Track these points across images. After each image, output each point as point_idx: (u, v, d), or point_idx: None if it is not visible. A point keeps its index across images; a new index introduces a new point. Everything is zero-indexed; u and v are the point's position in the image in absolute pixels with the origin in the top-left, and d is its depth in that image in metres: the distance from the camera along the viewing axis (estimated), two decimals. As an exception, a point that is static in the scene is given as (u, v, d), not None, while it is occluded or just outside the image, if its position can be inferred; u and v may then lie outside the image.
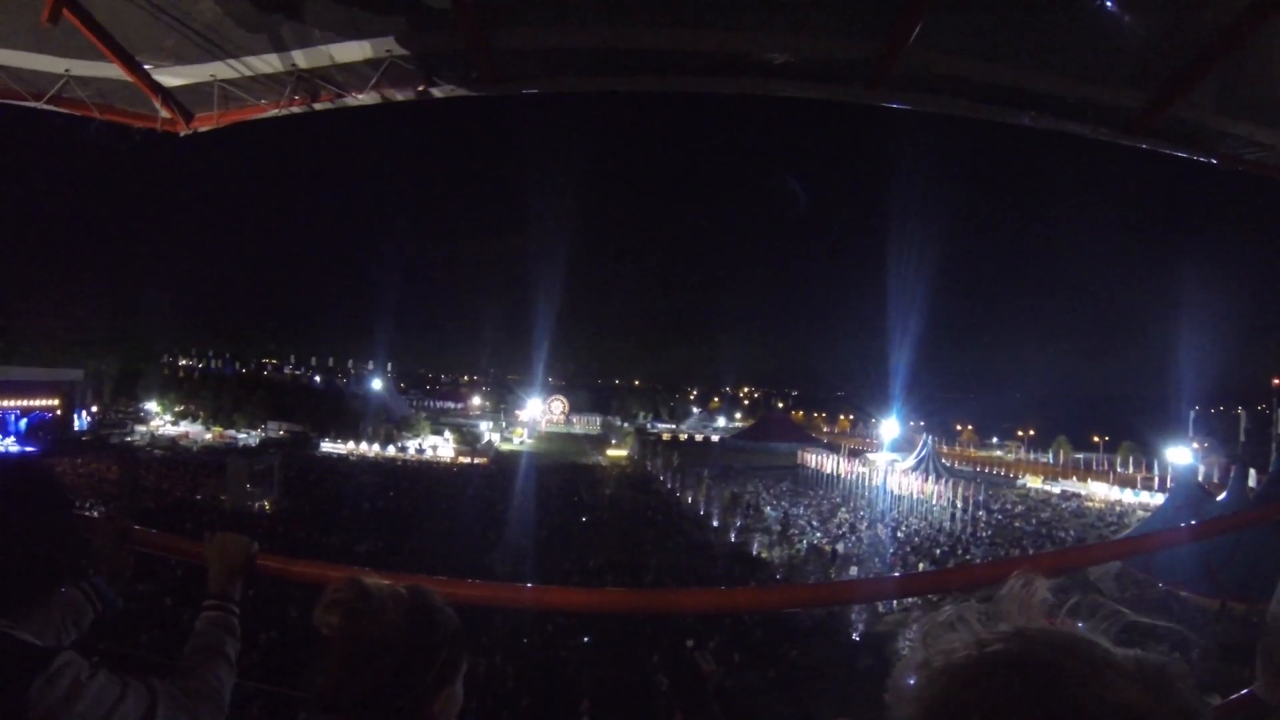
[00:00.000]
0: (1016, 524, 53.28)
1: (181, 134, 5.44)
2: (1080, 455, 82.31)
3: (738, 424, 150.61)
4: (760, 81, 4.86)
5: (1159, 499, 57.21)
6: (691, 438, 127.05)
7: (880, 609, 34.76)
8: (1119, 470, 75.32)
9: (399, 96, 5.19)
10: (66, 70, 5.05)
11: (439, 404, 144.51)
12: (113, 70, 4.95)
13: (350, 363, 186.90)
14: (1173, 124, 4.87)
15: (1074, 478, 75.39)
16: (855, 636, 27.85)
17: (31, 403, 71.12)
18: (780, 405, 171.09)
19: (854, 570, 38.90)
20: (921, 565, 39.55)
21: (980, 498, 58.47)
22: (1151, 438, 73.98)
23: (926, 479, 60.00)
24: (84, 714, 1.87)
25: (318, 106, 5.25)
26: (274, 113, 5.30)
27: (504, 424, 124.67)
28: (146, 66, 5.00)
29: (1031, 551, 44.10)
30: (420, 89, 5.11)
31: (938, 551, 42.00)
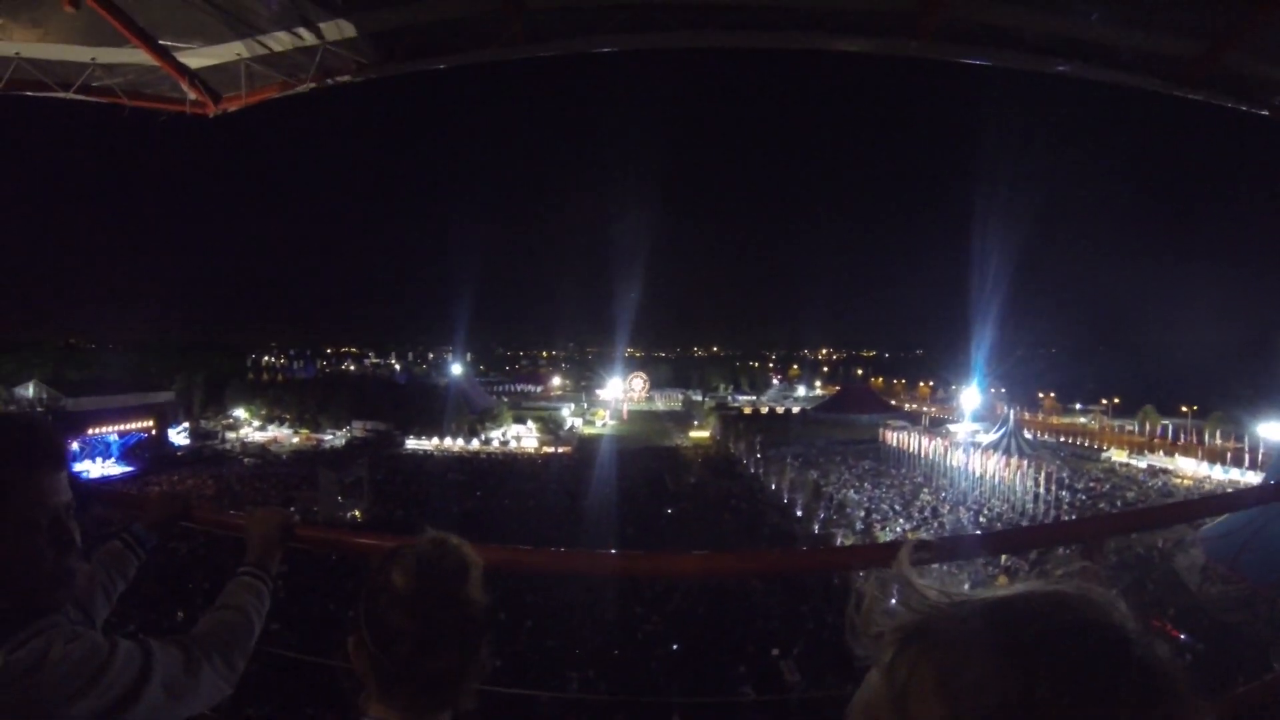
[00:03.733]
0: (1100, 505, 51.31)
1: (211, 115, 5.47)
2: (1167, 422, 79.36)
3: (818, 392, 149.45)
4: (800, 35, 4.74)
5: (1250, 476, 55.16)
6: (773, 410, 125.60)
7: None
8: (1208, 443, 71.34)
9: (431, 64, 5.12)
10: (93, 59, 5.05)
11: (519, 387, 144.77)
12: (138, 55, 4.98)
13: (429, 354, 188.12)
14: (1224, 75, 4.82)
15: (1160, 451, 71.68)
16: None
17: (128, 426, 73.05)
18: (859, 371, 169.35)
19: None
20: (1004, 555, 38.98)
21: (1064, 475, 57.05)
22: (1242, 408, 69.61)
23: (1009, 458, 58.51)
24: (63, 681, 1.80)
25: (346, 80, 5.22)
26: (302, 89, 5.32)
27: (585, 405, 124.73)
28: (172, 50, 5.02)
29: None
30: (453, 55, 5.04)
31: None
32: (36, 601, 1.95)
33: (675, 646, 23.46)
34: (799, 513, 50.52)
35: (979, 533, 41.38)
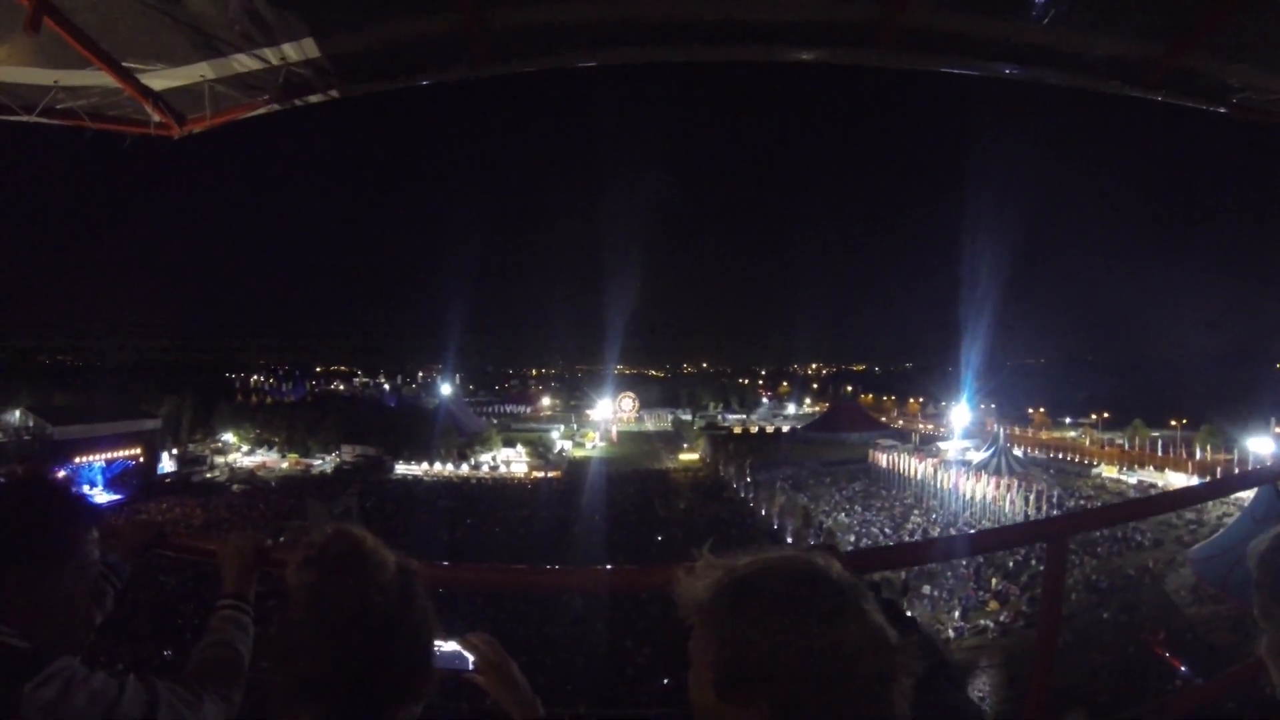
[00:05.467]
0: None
1: (175, 137, 5.45)
2: (1157, 434, 79.00)
3: (808, 410, 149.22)
4: (760, 47, 4.85)
5: (1242, 491, 54.80)
6: (763, 430, 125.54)
7: (952, 635, 34.52)
8: (1198, 457, 69.40)
9: (398, 84, 5.19)
10: (55, 81, 5.00)
11: (508, 408, 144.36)
12: (101, 77, 4.92)
13: (418, 372, 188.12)
14: (1183, 75, 4.82)
15: (1150, 466, 71.65)
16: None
17: (114, 454, 73.07)
18: (849, 388, 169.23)
19: (926, 589, 38.45)
20: (995, 579, 38.84)
21: (1054, 494, 57.57)
22: (1231, 420, 68.49)
23: (999, 477, 59.00)
24: (81, 714, 1.88)
25: (312, 100, 5.24)
26: (266, 110, 5.29)
27: (575, 426, 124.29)
28: (135, 71, 4.96)
29: (1100, 551, 43.51)
30: (418, 74, 5.10)
31: (1011, 563, 40.69)
32: (68, 640, 2.16)
33: (666, 680, 23.45)
34: (789, 539, 50.57)
35: (951, 534, 41.37)
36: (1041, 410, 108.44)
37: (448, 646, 2.51)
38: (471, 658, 2.47)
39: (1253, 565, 2.21)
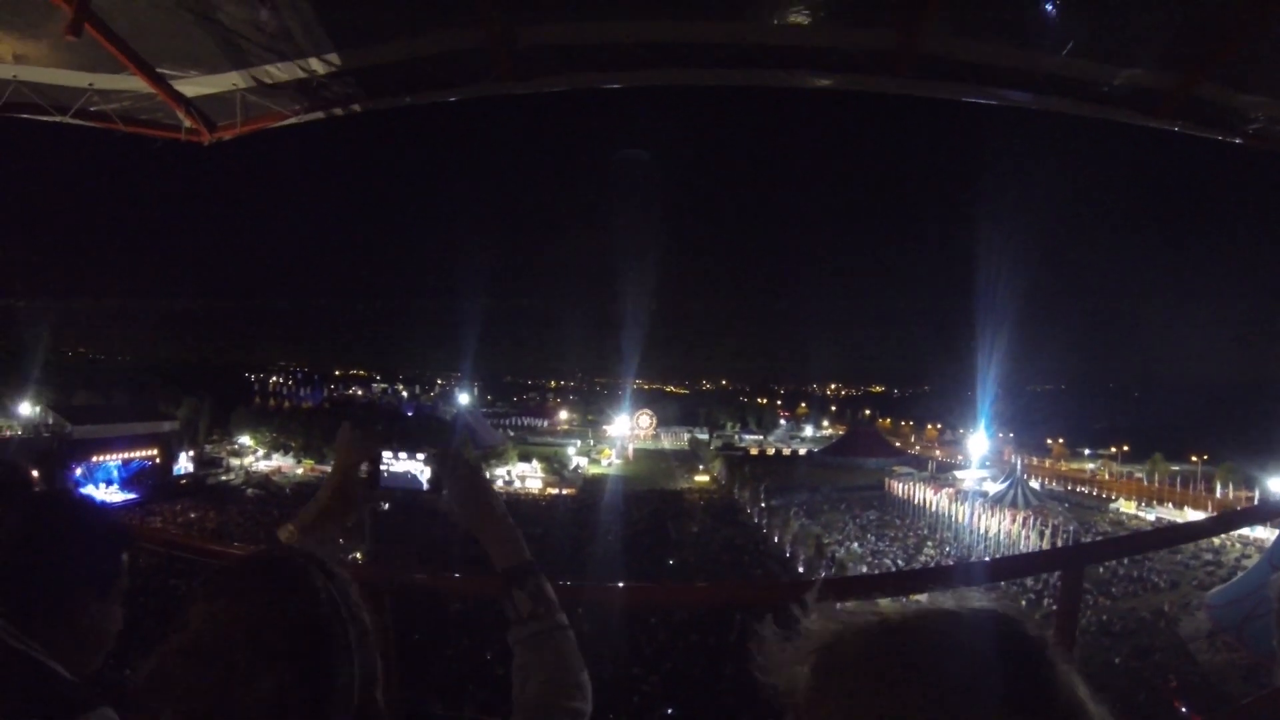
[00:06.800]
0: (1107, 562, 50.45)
1: (206, 143, 5.54)
2: (1177, 467, 78.10)
3: (825, 432, 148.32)
4: (782, 73, 4.92)
5: (1260, 532, 53.75)
6: (779, 452, 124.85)
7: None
8: (1218, 495, 68.11)
9: (422, 99, 5.24)
10: (90, 84, 5.14)
11: (525, 420, 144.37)
12: (135, 82, 5.04)
13: (436, 379, 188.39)
14: (1196, 105, 4.89)
15: (1170, 502, 70.42)
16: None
17: (132, 454, 73.29)
18: (867, 411, 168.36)
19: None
20: (1010, 616, 38.31)
21: (1071, 528, 56.90)
22: (1251, 457, 67.04)
23: (1015, 511, 58.75)
24: None
25: (340, 112, 5.32)
26: (294, 120, 5.38)
27: (592, 442, 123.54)
28: (169, 78, 5.08)
29: (1114, 592, 43.06)
30: (443, 90, 5.15)
31: (1023, 602, 39.86)
32: (95, 662, 2.12)
33: (670, 710, 23.32)
34: (800, 568, 50.32)
35: (966, 561, 41.13)
36: (1060, 441, 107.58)
37: (399, 466, 2.35)
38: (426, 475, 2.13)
39: (1274, 596, 2.22)
